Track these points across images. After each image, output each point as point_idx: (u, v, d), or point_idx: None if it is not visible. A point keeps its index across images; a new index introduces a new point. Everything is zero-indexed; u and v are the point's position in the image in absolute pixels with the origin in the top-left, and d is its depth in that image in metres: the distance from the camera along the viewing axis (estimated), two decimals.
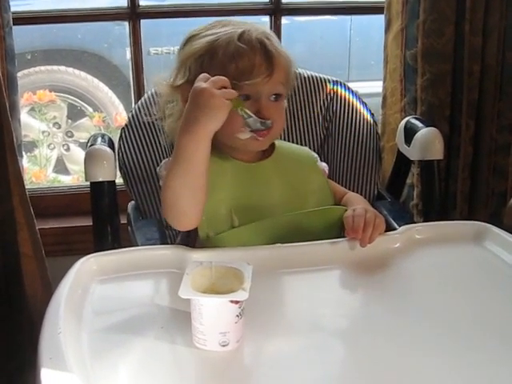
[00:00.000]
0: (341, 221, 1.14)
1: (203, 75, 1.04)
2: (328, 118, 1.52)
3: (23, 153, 1.75)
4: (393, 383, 0.79)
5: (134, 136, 1.43)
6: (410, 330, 0.90)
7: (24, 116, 2.36)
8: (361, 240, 1.09)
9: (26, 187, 1.65)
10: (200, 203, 1.05)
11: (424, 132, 1.48)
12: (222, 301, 0.82)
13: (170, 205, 1.04)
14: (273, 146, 1.22)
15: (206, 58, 1.14)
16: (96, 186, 1.35)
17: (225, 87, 1.03)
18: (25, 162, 1.99)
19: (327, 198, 1.23)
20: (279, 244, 1.10)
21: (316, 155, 1.29)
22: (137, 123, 1.43)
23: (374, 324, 0.92)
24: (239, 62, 1.11)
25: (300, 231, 1.13)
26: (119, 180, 1.44)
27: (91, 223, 1.38)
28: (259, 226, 1.12)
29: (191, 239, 1.15)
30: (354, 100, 1.52)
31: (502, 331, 0.90)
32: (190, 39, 1.19)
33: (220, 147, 1.16)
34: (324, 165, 1.29)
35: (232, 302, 0.82)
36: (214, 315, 0.83)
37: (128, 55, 1.95)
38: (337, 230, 1.16)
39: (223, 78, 1.03)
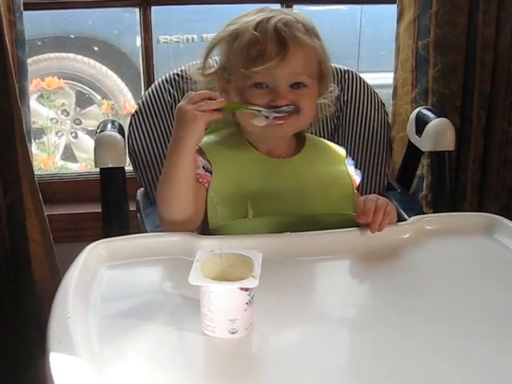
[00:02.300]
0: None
1: (187, 94, 1.08)
2: (339, 107, 1.51)
3: (32, 139, 1.74)
4: (401, 373, 0.79)
5: (144, 123, 1.43)
6: (419, 320, 0.90)
7: (32, 103, 2.36)
8: (371, 224, 1.08)
9: (35, 174, 1.65)
10: (183, 210, 1.08)
11: (435, 123, 1.47)
12: (232, 288, 0.82)
13: (159, 209, 1.10)
14: (304, 141, 1.21)
15: (225, 47, 1.15)
16: (105, 172, 1.35)
17: (211, 98, 1.06)
18: (33, 149, 1.99)
19: (348, 206, 1.19)
20: (289, 232, 1.10)
21: (352, 161, 1.26)
22: (147, 110, 1.43)
23: (383, 314, 0.92)
24: (250, 50, 1.11)
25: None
26: (128, 167, 1.44)
27: (100, 210, 1.38)
28: (272, 221, 1.12)
29: (201, 228, 1.15)
30: (365, 90, 1.51)
31: None
32: (225, 26, 1.19)
33: (249, 140, 1.17)
34: (357, 174, 1.26)
35: (242, 289, 0.82)
36: (223, 302, 0.83)
37: (138, 42, 1.95)
38: None
39: (202, 92, 1.08)
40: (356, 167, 1.28)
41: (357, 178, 1.25)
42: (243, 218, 1.13)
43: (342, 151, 1.27)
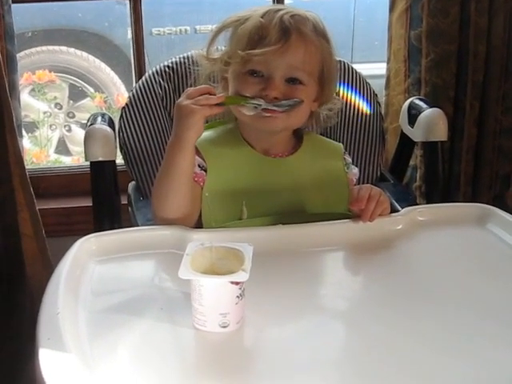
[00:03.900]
0: None
1: (186, 90, 1.07)
2: None
3: (24, 133, 1.74)
4: (394, 365, 0.79)
5: (135, 115, 1.42)
6: (412, 311, 0.89)
7: (25, 96, 2.36)
8: (363, 212, 1.08)
9: (27, 168, 1.64)
10: (180, 208, 1.07)
11: (428, 113, 1.47)
12: (222, 281, 0.82)
13: (155, 207, 1.08)
14: (302, 140, 1.19)
15: (230, 32, 1.14)
16: (96, 166, 1.34)
17: (210, 93, 1.04)
18: (26, 143, 1.98)
19: (344, 205, 1.17)
20: (281, 224, 1.09)
21: (349, 158, 1.25)
22: (137, 103, 1.42)
23: (376, 306, 0.91)
24: (252, 34, 1.09)
25: None
26: (120, 161, 1.43)
27: (92, 203, 1.37)
28: (267, 222, 1.11)
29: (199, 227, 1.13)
30: (358, 80, 1.50)
31: (504, 314, 0.89)
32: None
33: (246, 138, 1.16)
34: (354, 172, 1.25)
35: (232, 282, 0.82)
36: (213, 296, 0.82)
37: (129, 35, 1.93)
38: None
39: (201, 87, 1.06)
40: (352, 163, 1.27)
41: (353, 176, 1.24)
42: (238, 218, 1.12)
43: (339, 148, 1.24)
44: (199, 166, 1.13)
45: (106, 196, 1.33)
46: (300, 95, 1.11)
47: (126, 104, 1.43)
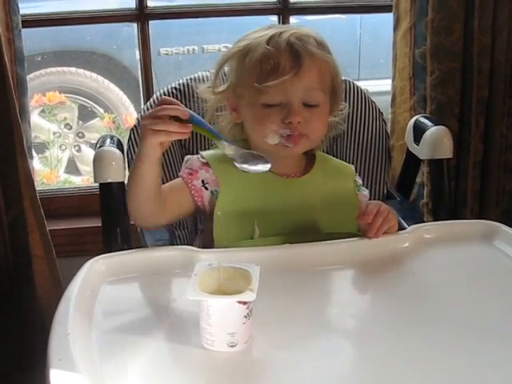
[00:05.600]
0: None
1: (161, 99, 1.05)
2: None
3: (34, 154, 1.75)
4: None
5: None
6: (419, 329, 0.90)
7: (35, 117, 2.38)
8: (369, 227, 1.08)
9: (37, 189, 1.66)
10: (151, 210, 1.09)
11: (433, 130, 1.47)
12: (230, 301, 0.83)
13: (130, 209, 1.12)
14: (314, 160, 1.20)
15: (236, 63, 1.14)
16: (105, 187, 1.35)
17: (179, 117, 1.00)
18: (36, 164, 2.00)
19: (354, 226, 1.17)
20: (288, 244, 1.10)
21: (360, 181, 1.25)
22: None
23: (383, 324, 0.92)
24: (263, 65, 1.09)
25: None
26: None
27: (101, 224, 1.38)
28: (278, 241, 1.11)
29: (208, 246, 1.14)
30: (363, 99, 1.51)
31: None
32: (234, 43, 1.17)
33: None
34: (365, 194, 1.25)
35: (240, 302, 0.82)
36: (221, 316, 0.83)
37: (137, 56, 1.96)
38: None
39: (171, 107, 1.01)
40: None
41: (364, 198, 1.24)
42: (249, 236, 1.13)
43: (350, 170, 1.25)
44: (203, 181, 1.14)
45: (115, 217, 1.34)
46: (318, 116, 1.13)
47: (135, 126, 1.45)
